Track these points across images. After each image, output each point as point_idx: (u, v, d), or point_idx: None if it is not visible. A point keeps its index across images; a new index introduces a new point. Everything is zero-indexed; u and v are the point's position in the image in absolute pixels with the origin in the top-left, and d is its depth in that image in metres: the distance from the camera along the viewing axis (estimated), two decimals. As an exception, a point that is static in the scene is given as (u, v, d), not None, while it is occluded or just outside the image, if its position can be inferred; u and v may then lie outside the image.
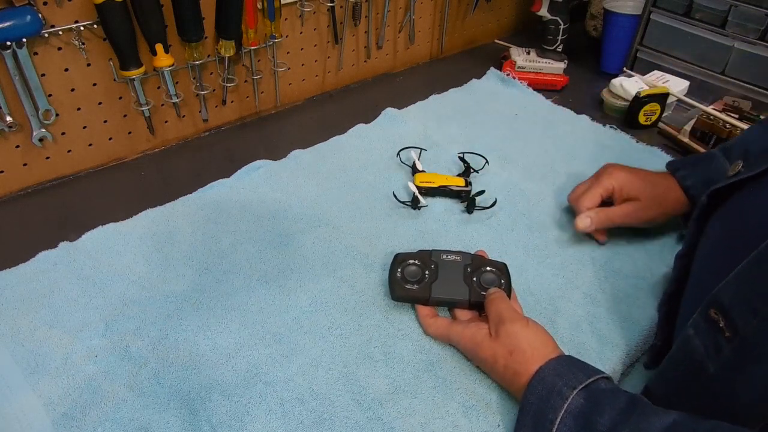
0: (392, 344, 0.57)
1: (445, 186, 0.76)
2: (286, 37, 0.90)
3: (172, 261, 0.65)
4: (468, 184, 0.77)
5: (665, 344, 0.55)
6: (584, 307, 0.62)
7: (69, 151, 0.78)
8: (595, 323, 0.61)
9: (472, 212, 0.74)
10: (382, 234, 0.70)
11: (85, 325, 0.57)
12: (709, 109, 0.92)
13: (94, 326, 0.57)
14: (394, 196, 0.75)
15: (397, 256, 0.62)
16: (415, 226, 0.72)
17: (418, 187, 0.75)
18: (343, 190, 0.77)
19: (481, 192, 0.75)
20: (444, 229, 0.72)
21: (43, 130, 0.72)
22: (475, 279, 0.60)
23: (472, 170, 0.80)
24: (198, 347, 0.56)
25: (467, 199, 0.75)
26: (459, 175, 0.79)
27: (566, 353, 0.51)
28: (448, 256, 0.61)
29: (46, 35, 0.67)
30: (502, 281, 0.60)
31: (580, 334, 0.59)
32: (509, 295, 0.59)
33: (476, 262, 0.61)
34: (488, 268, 0.60)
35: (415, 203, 0.74)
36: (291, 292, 0.62)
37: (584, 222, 0.67)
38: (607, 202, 0.69)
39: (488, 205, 0.74)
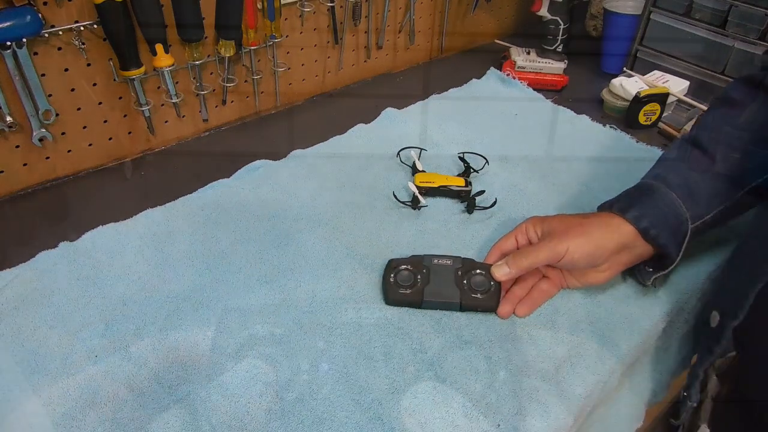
0: (392, 344, 0.57)
1: (445, 186, 0.76)
2: (286, 37, 0.90)
3: (172, 261, 0.65)
4: (468, 184, 0.77)
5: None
6: (584, 307, 0.62)
7: (69, 151, 0.78)
8: (595, 323, 0.61)
9: (472, 212, 0.74)
10: (382, 234, 0.70)
11: (85, 325, 0.57)
12: (709, 109, 0.92)
13: (94, 326, 0.57)
14: (394, 196, 0.75)
15: (390, 262, 0.63)
16: (415, 226, 0.72)
17: (418, 187, 0.75)
18: (343, 190, 0.77)
19: (481, 192, 0.75)
20: (444, 229, 0.72)
21: (43, 130, 0.72)
22: (465, 282, 0.61)
23: (472, 170, 0.80)
24: (198, 347, 0.56)
25: (467, 199, 0.75)
26: (459, 175, 0.79)
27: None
28: (440, 261, 0.63)
29: (46, 35, 0.67)
30: (492, 283, 0.60)
31: (580, 334, 0.59)
32: (498, 298, 0.60)
33: (467, 265, 0.62)
34: (478, 271, 0.61)
35: (415, 203, 0.74)
36: (291, 292, 0.62)
37: (501, 270, 0.59)
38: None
39: (488, 205, 0.74)
